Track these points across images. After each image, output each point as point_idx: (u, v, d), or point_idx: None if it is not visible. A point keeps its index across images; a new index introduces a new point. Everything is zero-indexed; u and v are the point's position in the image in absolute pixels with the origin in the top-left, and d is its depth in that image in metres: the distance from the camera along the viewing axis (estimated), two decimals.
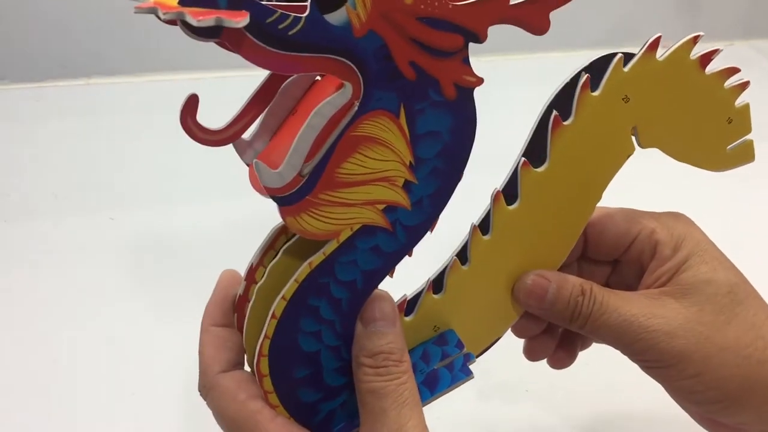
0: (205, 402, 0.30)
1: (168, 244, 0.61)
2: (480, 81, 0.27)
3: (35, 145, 0.73)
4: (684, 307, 0.32)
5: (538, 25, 0.27)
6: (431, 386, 0.31)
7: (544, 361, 0.38)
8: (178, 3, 0.22)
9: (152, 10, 0.22)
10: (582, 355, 0.38)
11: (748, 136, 0.34)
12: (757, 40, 1.00)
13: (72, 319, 0.53)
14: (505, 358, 0.41)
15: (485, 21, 0.26)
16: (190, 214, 0.63)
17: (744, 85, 0.34)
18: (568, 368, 0.38)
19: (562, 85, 0.32)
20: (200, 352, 0.30)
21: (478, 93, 0.29)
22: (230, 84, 0.54)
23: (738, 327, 0.32)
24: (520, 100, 0.36)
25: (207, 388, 0.30)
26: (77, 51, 0.81)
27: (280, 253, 0.29)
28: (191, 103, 0.25)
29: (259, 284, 0.29)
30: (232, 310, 0.31)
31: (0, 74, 0.82)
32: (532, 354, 0.37)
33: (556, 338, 0.37)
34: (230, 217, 0.31)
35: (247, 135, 0.29)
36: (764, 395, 0.31)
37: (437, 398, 0.31)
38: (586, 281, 0.33)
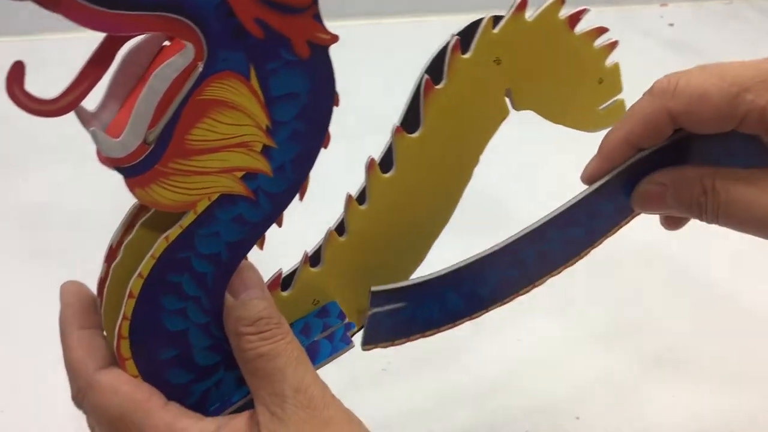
0: (81, 410, 0.28)
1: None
2: (335, 38, 0.26)
3: None
4: None
5: None
6: (312, 358, 0.30)
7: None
8: None
9: None
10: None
11: (620, 96, 0.35)
12: (759, 0, 0.98)
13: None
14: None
15: None
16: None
17: (612, 45, 0.34)
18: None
19: (438, 50, 0.31)
20: (68, 359, 0.28)
21: None
22: None
23: None
24: None
25: (84, 389, 0.27)
26: None
27: (135, 228, 0.27)
28: (16, 71, 0.23)
29: (115, 262, 0.27)
30: (92, 312, 0.29)
31: None
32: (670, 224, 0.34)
33: None
34: None
35: (93, 107, 0.27)
36: None
37: (318, 368, 0.30)
38: (708, 174, 0.29)
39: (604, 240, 0.34)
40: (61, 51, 0.75)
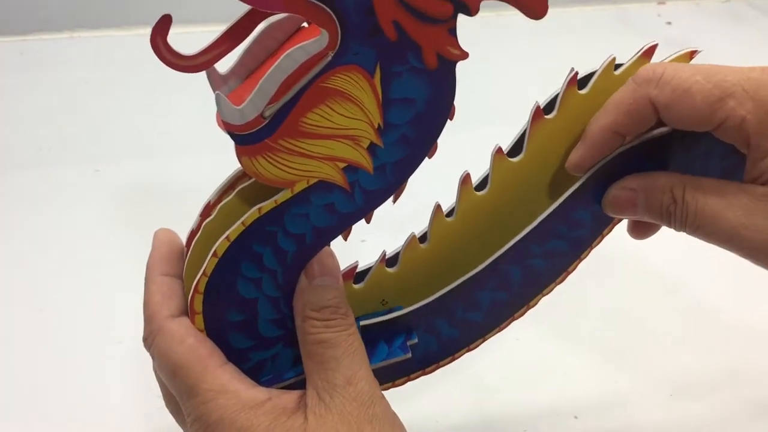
0: (149, 353, 0.29)
1: (153, 197, 0.61)
2: (465, 55, 0.26)
3: (19, 98, 0.73)
4: None
5: (534, 8, 0.26)
6: (367, 356, 0.31)
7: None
8: None
9: None
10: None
11: None
12: None
13: (57, 271, 0.54)
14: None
15: None
16: (174, 167, 0.63)
17: None
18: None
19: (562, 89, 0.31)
20: (146, 301, 0.29)
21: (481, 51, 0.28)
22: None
23: None
24: (509, 56, 0.35)
25: (153, 333, 0.28)
26: (61, 4, 0.80)
27: (233, 193, 0.28)
28: (163, 23, 0.24)
29: (207, 220, 0.28)
30: (177, 261, 0.30)
31: None
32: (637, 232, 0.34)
33: None
34: (216, 171, 0.31)
35: (224, 70, 0.28)
36: None
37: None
38: (679, 182, 0.29)
39: (590, 251, 0.33)
40: (57, 52, 0.79)
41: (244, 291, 0.28)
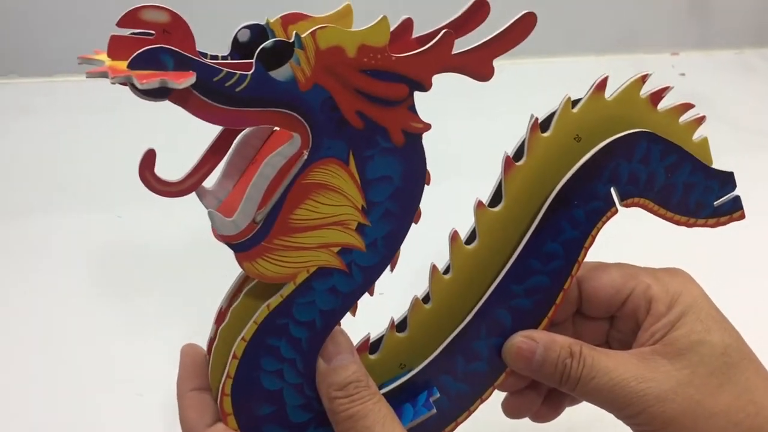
0: None
1: (176, 242, 0.61)
2: (427, 127, 0.29)
3: (44, 139, 0.73)
4: (676, 369, 0.31)
5: (481, 73, 0.28)
6: None
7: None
8: (128, 66, 0.23)
9: (103, 75, 0.23)
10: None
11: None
12: (767, 49, 0.99)
13: (76, 316, 0.54)
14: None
15: (429, 71, 0.28)
16: (195, 213, 0.63)
17: (700, 120, 0.35)
18: None
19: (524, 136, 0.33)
20: (182, 419, 0.31)
21: (485, 96, 0.29)
22: None
23: (730, 391, 0.31)
24: (527, 104, 0.36)
25: None
26: (88, 46, 0.82)
27: (241, 296, 0.30)
28: (148, 158, 0.26)
29: (222, 325, 0.30)
30: (203, 373, 0.31)
31: (10, 68, 0.81)
32: (513, 411, 0.37)
33: (541, 394, 0.37)
34: None
35: (210, 185, 0.30)
36: None
37: None
38: (576, 342, 0.33)
39: (571, 281, 0.34)
40: (82, 93, 0.79)
41: (268, 384, 0.30)
